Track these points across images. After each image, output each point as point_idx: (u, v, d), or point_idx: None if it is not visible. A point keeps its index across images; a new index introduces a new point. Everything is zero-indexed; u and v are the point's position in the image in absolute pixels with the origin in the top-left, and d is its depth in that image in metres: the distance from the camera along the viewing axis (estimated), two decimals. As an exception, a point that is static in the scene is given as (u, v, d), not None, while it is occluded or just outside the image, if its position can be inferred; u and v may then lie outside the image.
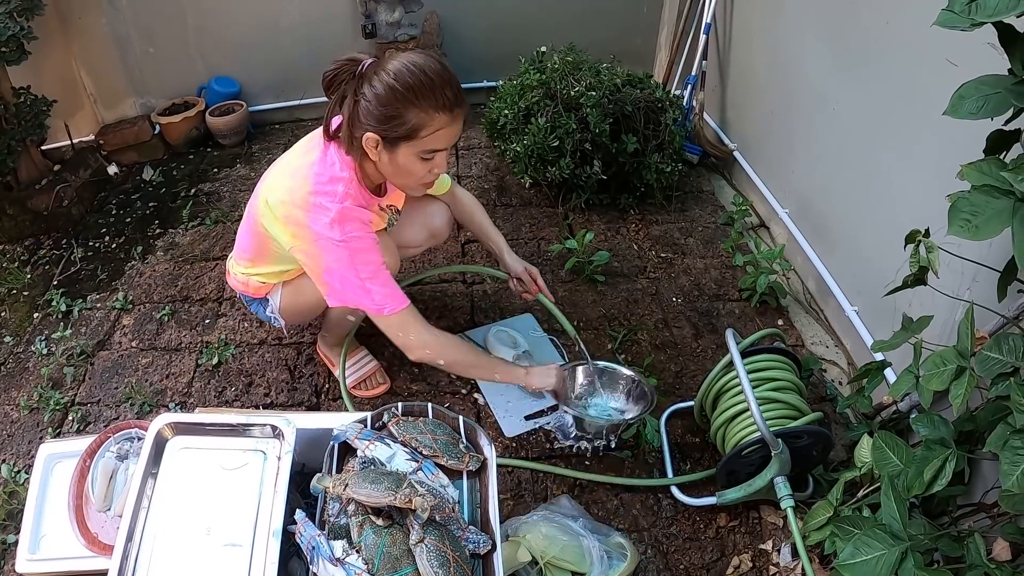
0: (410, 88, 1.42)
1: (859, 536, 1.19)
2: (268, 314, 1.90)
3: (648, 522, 1.74)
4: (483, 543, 1.27)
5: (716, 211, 2.85)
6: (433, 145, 1.50)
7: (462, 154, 3.22)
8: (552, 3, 3.39)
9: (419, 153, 1.50)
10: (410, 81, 1.42)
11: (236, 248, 1.85)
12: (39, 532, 1.57)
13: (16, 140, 2.69)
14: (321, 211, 1.51)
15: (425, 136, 1.47)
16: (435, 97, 1.44)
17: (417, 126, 1.45)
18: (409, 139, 1.47)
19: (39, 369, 2.20)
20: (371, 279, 1.56)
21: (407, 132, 1.46)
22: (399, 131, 1.46)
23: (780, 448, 1.57)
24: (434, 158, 1.54)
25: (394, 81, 1.42)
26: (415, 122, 1.45)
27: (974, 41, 1.15)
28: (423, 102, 1.43)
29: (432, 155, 1.53)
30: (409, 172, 1.55)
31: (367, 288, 1.56)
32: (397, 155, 1.51)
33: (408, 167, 1.54)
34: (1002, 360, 1.13)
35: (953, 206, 1.03)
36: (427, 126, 1.46)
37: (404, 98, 1.42)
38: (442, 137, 1.50)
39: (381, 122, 1.46)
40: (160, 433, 1.38)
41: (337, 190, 1.53)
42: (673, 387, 2.07)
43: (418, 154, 1.51)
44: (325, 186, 1.53)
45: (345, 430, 1.40)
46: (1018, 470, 1.01)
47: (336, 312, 1.85)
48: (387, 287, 1.59)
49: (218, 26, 3.25)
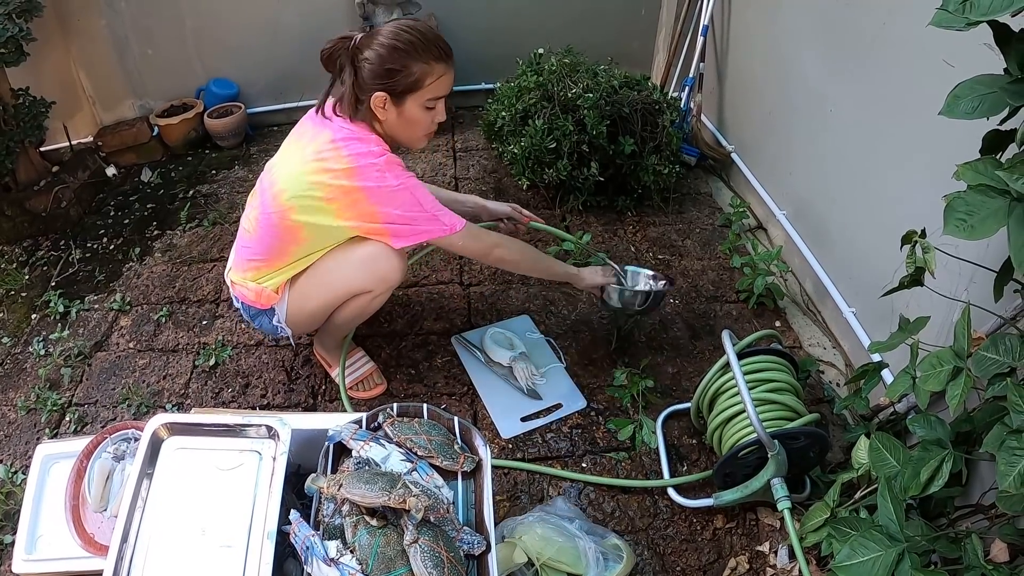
0: (410, 43, 1.58)
1: (856, 537, 1.19)
2: (275, 323, 1.87)
3: (644, 523, 1.73)
4: (478, 544, 1.27)
5: (714, 213, 2.85)
6: (435, 92, 1.65)
7: (460, 156, 3.22)
8: (550, 5, 3.40)
9: (424, 103, 1.65)
10: (409, 37, 1.58)
11: (244, 258, 1.80)
12: (36, 532, 1.56)
13: (15, 141, 2.70)
14: (369, 168, 1.60)
15: (429, 84, 1.62)
16: (432, 49, 1.60)
17: (421, 76, 1.60)
18: (414, 90, 1.62)
19: (37, 370, 2.20)
20: (435, 208, 1.69)
21: (413, 83, 1.61)
22: (405, 83, 1.60)
23: (777, 449, 1.56)
24: (436, 107, 1.68)
25: (394, 40, 1.57)
26: (419, 73, 1.60)
27: (969, 41, 1.15)
28: (423, 54, 1.59)
29: (434, 103, 1.67)
30: (415, 123, 1.69)
31: (435, 216, 1.68)
32: (404, 108, 1.64)
33: (414, 118, 1.67)
34: (999, 360, 1.13)
35: (949, 206, 1.02)
36: (429, 75, 1.61)
37: (406, 53, 1.58)
38: (442, 84, 1.65)
39: (387, 78, 1.59)
40: (156, 433, 1.38)
41: (372, 148, 1.62)
42: (670, 388, 2.07)
43: (423, 104, 1.65)
44: (359, 148, 1.62)
45: (340, 431, 1.40)
46: (1015, 470, 1.00)
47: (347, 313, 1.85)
48: (448, 211, 1.72)
49: (216, 28, 3.25)
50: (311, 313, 1.85)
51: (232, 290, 1.90)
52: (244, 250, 1.81)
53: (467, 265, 2.53)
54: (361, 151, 1.61)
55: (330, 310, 1.85)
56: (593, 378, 2.10)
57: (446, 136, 3.37)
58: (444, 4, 3.32)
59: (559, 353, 2.17)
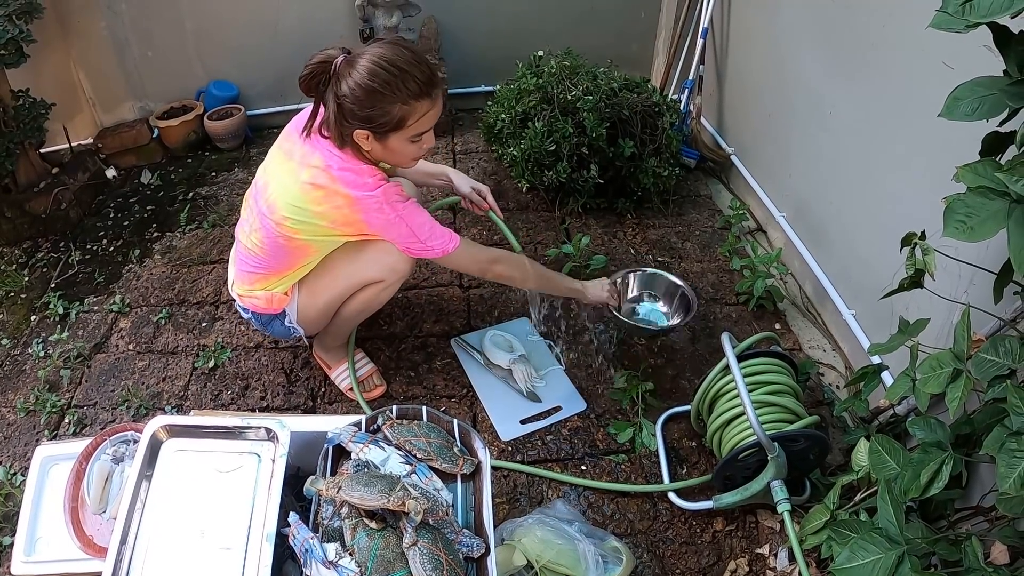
0: (387, 84, 1.49)
1: (856, 540, 1.19)
2: (287, 324, 1.88)
3: (644, 526, 1.73)
4: (477, 547, 1.26)
5: (713, 215, 2.85)
6: (420, 129, 1.60)
7: (460, 158, 3.22)
8: (549, 8, 3.40)
9: (408, 138, 1.60)
10: (386, 75, 1.48)
11: (249, 272, 1.80)
12: (35, 534, 1.56)
13: (14, 143, 2.69)
14: (368, 201, 1.59)
15: (412, 124, 1.56)
16: (412, 86, 1.51)
17: (402, 117, 1.54)
18: (397, 129, 1.56)
19: (36, 371, 2.20)
20: (429, 237, 1.67)
21: (394, 125, 1.55)
22: (386, 126, 1.54)
23: (777, 452, 1.56)
24: (422, 139, 1.63)
25: (370, 81, 1.48)
26: (400, 115, 1.53)
27: (969, 44, 1.16)
28: (402, 94, 1.50)
29: (420, 137, 1.62)
30: (401, 153, 1.65)
31: (428, 246, 1.68)
32: (388, 143, 1.60)
33: (400, 150, 1.63)
34: (998, 362, 1.13)
35: (949, 208, 1.02)
36: (411, 115, 1.55)
37: (383, 96, 1.50)
38: (426, 120, 1.59)
39: (367, 121, 1.53)
40: (155, 435, 1.38)
41: (366, 180, 1.60)
42: (669, 391, 2.07)
43: (407, 139, 1.60)
44: (355, 179, 1.59)
45: (339, 433, 1.40)
46: (1015, 472, 1.00)
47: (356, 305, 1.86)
48: (442, 234, 1.70)
49: (216, 30, 3.25)
50: (322, 308, 1.85)
51: (239, 302, 1.88)
52: (248, 265, 1.79)
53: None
54: (358, 183, 1.58)
55: (340, 302, 1.85)
56: (592, 381, 2.10)
57: (446, 139, 3.37)
58: (444, 6, 3.33)
59: (559, 356, 2.17)
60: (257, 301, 1.82)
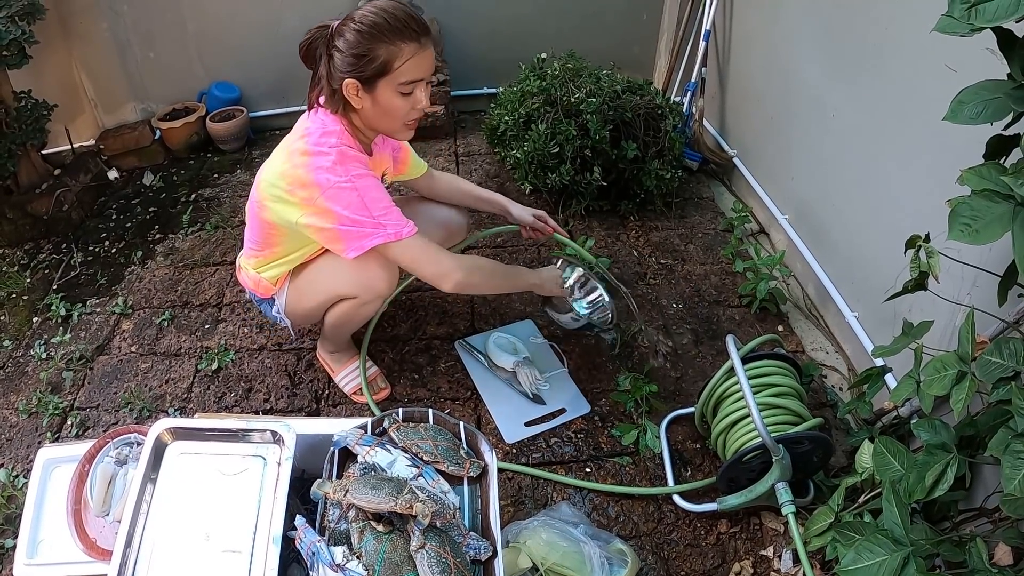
0: (374, 25, 1.49)
1: (860, 542, 1.19)
2: (275, 313, 1.92)
3: (649, 528, 1.73)
4: (484, 549, 1.26)
5: (716, 217, 2.85)
6: (408, 76, 1.54)
7: (462, 160, 3.23)
8: (552, 10, 3.40)
9: (397, 87, 1.55)
10: (374, 19, 1.49)
11: (245, 242, 1.86)
12: (37, 537, 1.56)
13: (17, 144, 2.70)
14: (321, 158, 1.55)
15: (398, 67, 1.52)
16: (399, 30, 1.50)
17: (388, 59, 1.51)
18: (384, 74, 1.53)
19: (38, 373, 2.20)
20: (383, 214, 1.59)
21: (380, 67, 1.52)
22: (372, 68, 1.51)
23: (781, 454, 1.56)
24: (413, 92, 1.58)
25: (359, 24, 1.50)
26: (385, 56, 1.51)
27: (973, 47, 1.16)
28: (389, 35, 1.49)
29: (410, 88, 1.56)
30: (392, 110, 1.59)
31: (381, 223, 1.58)
32: (377, 95, 1.56)
33: (390, 105, 1.58)
34: (1003, 364, 1.13)
35: (953, 211, 1.03)
36: (397, 57, 1.51)
37: (371, 36, 1.49)
38: (414, 65, 1.54)
39: (354, 65, 1.52)
40: (159, 438, 1.38)
41: (331, 141, 1.58)
42: (673, 393, 2.07)
43: (396, 89, 1.55)
44: (319, 139, 1.58)
45: (345, 436, 1.40)
46: (1020, 474, 1.00)
47: (334, 317, 1.86)
48: (399, 218, 1.62)
49: (218, 32, 3.26)
50: (306, 309, 1.87)
51: (238, 274, 1.95)
52: (246, 240, 1.86)
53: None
54: (320, 142, 1.57)
55: (322, 309, 1.87)
56: (596, 383, 2.10)
57: (448, 141, 3.38)
58: (447, 9, 3.33)
59: (562, 357, 2.17)
60: (248, 280, 1.90)
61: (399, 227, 1.60)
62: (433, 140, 3.36)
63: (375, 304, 1.82)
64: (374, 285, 1.72)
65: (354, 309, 1.81)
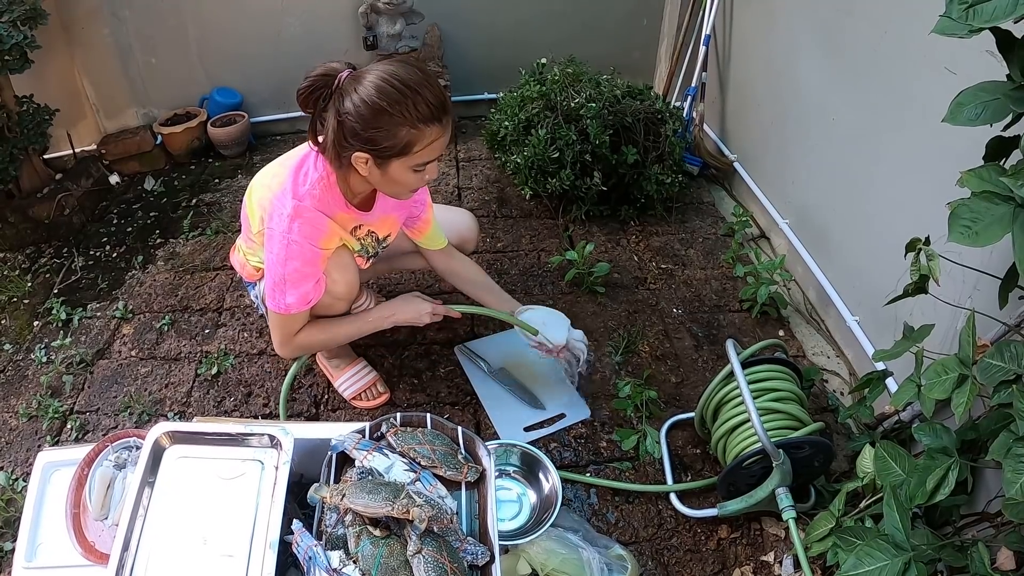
0: (396, 104, 1.38)
1: (862, 547, 1.18)
2: (254, 297, 1.98)
3: (649, 534, 1.73)
4: (481, 555, 1.26)
5: (716, 222, 2.85)
6: (427, 158, 1.49)
7: (463, 165, 3.23)
8: (552, 16, 3.41)
9: (412, 167, 1.50)
10: (396, 96, 1.38)
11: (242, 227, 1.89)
12: (36, 540, 1.55)
13: (18, 148, 2.70)
14: (283, 202, 1.55)
15: (418, 151, 1.46)
16: (423, 108, 1.40)
17: (409, 142, 1.44)
18: (402, 155, 1.46)
19: (38, 377, 2.20)
20: (291, 284, 1.59)
21: (399, 150, 1.44)
22: (390, 151, 1.44)
23: (781, 459, 1.56)
24: (426, 169, 1.53)
25: (378, 98, 1.38)
26: (406, 139, 1.43)
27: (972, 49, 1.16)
28: (411, 116, 1.40)
29: (424, 167, 1.52)
30: (402, 184, 1.55)
31: (284, 290, 1.59)
32: (389, 170, 1.50)
33: (400, 179, 1.53)
34: (1004, 368, 1.12)
35: (953, 213, 1.02)
36: (419, 141, 1.44)
37: (391, 116, 1.39)
38: (435, 148, 1.49)
39: (371, 143, 1.43)
40: (158, 442, 1.38)
41: (300, 190, 1.56)
42: (673, 398, 2.06)
43: (411, 167, 1.50)
44: (298, 181, 1.57)
45: (343, 440, 1.39)
46: (1022, 478, 1.00)
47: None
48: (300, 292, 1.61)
49: (220, 37, 3.27)
50: None
51: (231, 254, 1.98)
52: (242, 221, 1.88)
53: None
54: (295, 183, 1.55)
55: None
56: (596, 388, 2.09)
57: (449, 146, 3.38)
58: (447, 14, 3.34)
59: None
60: (236, 261, 1.95)
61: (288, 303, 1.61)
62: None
63: (339, 305, 1.78)
64: (332, 288, 1.71)
65: (322, 309, 1.78)
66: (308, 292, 1.62)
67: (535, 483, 1.75)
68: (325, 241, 1.61)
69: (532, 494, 1.74)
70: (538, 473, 1.75)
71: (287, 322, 1.68)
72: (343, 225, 1.67)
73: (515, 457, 1.80)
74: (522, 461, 1.79)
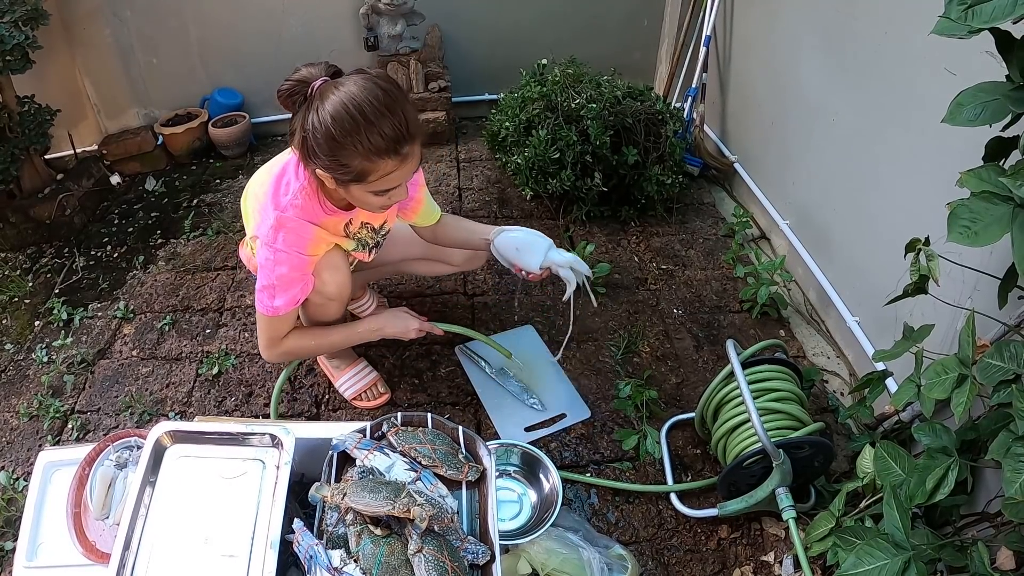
0: (348, 134, 1.34)
1: (862, 546, 1.18)
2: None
3: (649, 533, 1.73)
4: (482, 554, 1.26)
5: (717, 223, 2.85)
6: (384, 187, 1.45)
7: (463, 166, 3.23)
8: (553, 17, 3.41)
9: (373, 192, 1.47)
10: (350, 126, 1.34)
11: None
12: (37, 539, 1.55)
13: (20, 149, 2.71)
14: (267, 214, 1.56)
15: (374, 180, 1.43)
16: (376, 141, 1.35)
17: (363, 172, 1.40)
18: (359, 182, 1.44)
19: (39, 377, 2.20)
20: (280, 288, 1.60)
21: (355, 177, 1.42)
22: (348, 176, 1.42)
23: (782, 459, 1.56)
24: (390, 193, 1.49)
25: (332, 126, 1.34)
26: (360, 168, 1.40)
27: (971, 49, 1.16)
28: (363, 149, 1.36)
29: (386, 193, 1.48)
30: (366, 203, 1.53)
31: (273, 294, 1.61)
32: (351, 191, 1.48)
33: (363, 200, 1.51)
34: (1003, 367, 1.13)
35: (953, 213, 1.03)
36: (374, 172, 1.41)
37: (343, 145, 1.36)
38: (392, 179, 1.44)
39: (328, 167, 1.41)
40: (159, 441, 1.38)
41: (282, 200, 1.55)
42: (674, 398, 2.07)
43: (372, 192, 1.47)
44: (279, 191, 1.57)
45: (344, 440, 1.40)
46: (1021, 478, 1.00)
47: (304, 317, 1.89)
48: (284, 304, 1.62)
49: (221, 37, 3.27)
50: None
51: (240, 247, 1.99)
52: None
53: (471, 276, 2.53)
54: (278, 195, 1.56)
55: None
56: (597, 388, 2.09)
57: (450, 147, 3.38)
58: (448, 15, 3.34)
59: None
60: (243, 254, 1.96)
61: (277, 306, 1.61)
62: (434, 146, 3.37)
63: (332, 306, 1.78)
64: (322, 289, 1.70)
65: (315, 310, 1.79)
66: (296, 295, 1.64)
67: (535, 483, 1.76)
68: (312, 247, 1.61)
69: (532, 494, 1.75)
70: (538, 473, 1.76)
71: (274, 324, 1.68)
72: (332, 228, 1.66)
73: (516, 457, 1.80)
74: (523, 461, 1.79)
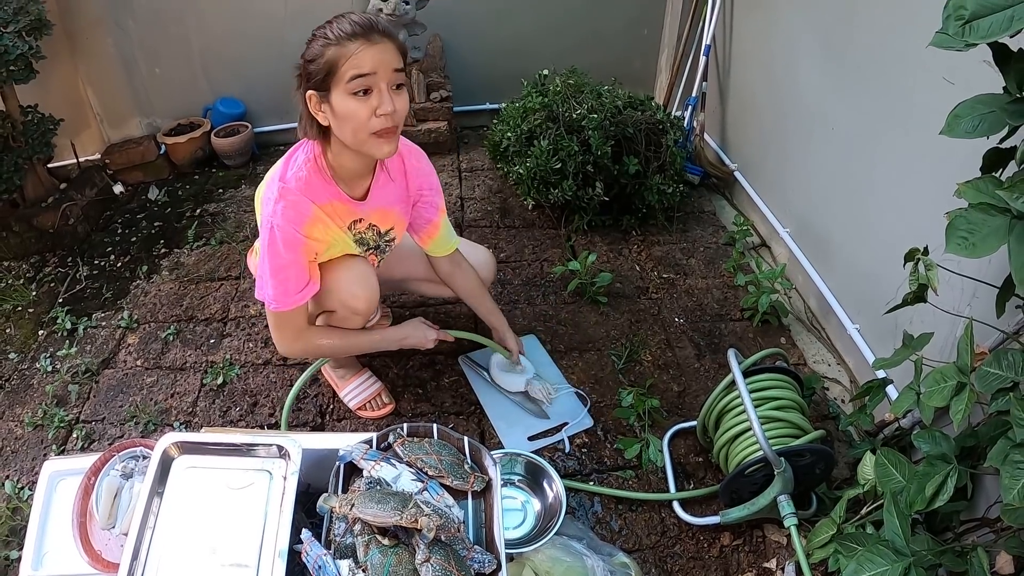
0: (320, 28, 1.48)
1: (863, 553, 1.20)
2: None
3: (652, 541, 1.74)
4: (488, 563, 1.27)
5: (718, 231, 2.87)
6: (354, 70, 1.43)
7: (465, 176, 3.25)
8: (554, 27, 3.44)
9: (349, 90, 1.45)
10: (324, 26, 1.48)
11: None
12: (42, 549, 1.56)
13: (23, 158, 2.72)
14: (271, 190, 1.58)
15: (344, 65, 1.43)
16: (345, 27, 1.44)
17: (333, 59, 1.44)
18: (332, 74, 1.45)
19: (44, 386, 2.21)
20: (275, 272, 1.59)
21: (327, 68, 1.44)
22: (321, 71, 1.45)
23: (783, 467, 1.57)
24: (369, 94, 1.46)
25: (311, 34, 1.49)
26: (330, 56, 1.44)
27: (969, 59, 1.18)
28: (333, 36, 1.44)
29: (360, 86, 1.45)
30: (350, 116, 1.48)
31: (267, 280, 1.60)
32: (334, 103, 1.47)
33: (347, 111, 1.47)
34: (1002, 375, 1.14)
35: (951, 224, 1.04)
36: (342, 56, 1.43)
37: (316, 39, 1.47)
38: (360, 60, 1.43)
39: (307, 74, 1.49)
40: (166, 452, 1.39)
41: (288, 173, 1.59)
42: (675, 407, 2.08)
43: (349, 91, 1.45)
44: (287, 167, 1.60)
45: (351, 451, 1.41)
46: (1019, 484, 1.01)
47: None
48: (283, 286, 1.61)
49: (223, 48, 3.29)
50: None
51: (249, 256, 2.03)
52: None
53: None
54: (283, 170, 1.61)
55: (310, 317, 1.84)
56: (599, 397, 2.10)
57: (451, 157, 3.40)
58: (449, 26, 3.37)
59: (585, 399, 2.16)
60: (252, 263, 1.97)
61: (278, 296, 1.61)
62: (436, 156, 3.38)
63: (356, 320, 1.79)
64: (349, 303, 1.72)
65: (339, 323, 1.80)
66: (290, 288, 1.61)
67: (539, 492, 1.77)
68: (308, 227, 1.59)
69: (536, 502, 1.76)
70: (542, 482, 1.77)
71: (280, 320, 1.69)
72: (336, 216, 1.66)
73: (520, 466, 1.81)
74: (526, 470, 1.80)
